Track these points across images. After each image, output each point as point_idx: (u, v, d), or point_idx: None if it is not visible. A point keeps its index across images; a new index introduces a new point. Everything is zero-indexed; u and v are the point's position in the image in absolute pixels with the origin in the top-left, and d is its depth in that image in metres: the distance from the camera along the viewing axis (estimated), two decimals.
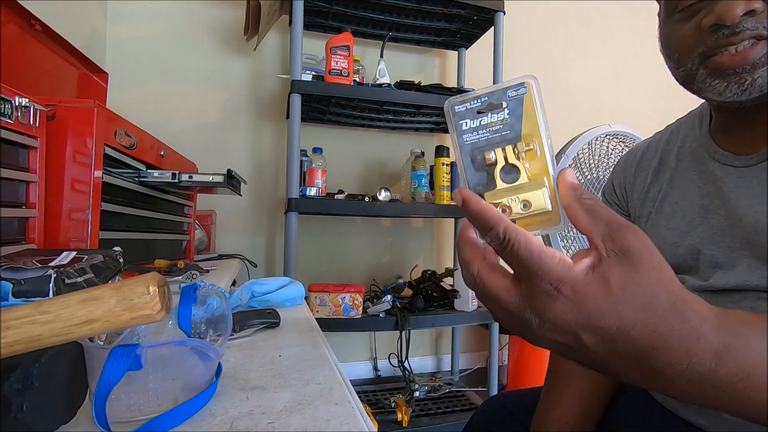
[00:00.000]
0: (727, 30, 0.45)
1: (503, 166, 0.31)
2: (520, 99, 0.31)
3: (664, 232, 0.59)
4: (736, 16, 0.44)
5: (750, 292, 0.49)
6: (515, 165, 0.31)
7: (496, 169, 0.31)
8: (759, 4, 0.44)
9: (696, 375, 0.26)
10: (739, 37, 0.45)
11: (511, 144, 0.31)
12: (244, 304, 0.74)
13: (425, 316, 1.60)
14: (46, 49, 1.03)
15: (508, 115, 0.31)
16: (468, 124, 0.32)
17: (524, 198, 0.30)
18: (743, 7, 0.44)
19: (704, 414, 0.52)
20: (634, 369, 0.27)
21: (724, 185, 0.53)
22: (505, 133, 0.31)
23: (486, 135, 0.31)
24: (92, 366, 0.34)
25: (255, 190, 1.89)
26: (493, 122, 0.31)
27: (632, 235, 0.27)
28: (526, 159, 0.31)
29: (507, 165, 0.31)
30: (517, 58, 2.20)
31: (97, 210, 0.67)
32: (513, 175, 0.31)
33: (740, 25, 0.44)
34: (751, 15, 0.44)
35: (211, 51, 1.86)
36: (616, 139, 1.65)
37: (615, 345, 0.27)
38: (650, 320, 0.26)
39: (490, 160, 0.31)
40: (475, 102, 0.31)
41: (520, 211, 0.30)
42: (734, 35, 0.45)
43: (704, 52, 0.47)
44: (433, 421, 1.57)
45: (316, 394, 0.39)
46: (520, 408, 0.71)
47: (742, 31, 0.44)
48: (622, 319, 0.26)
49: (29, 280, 0.40)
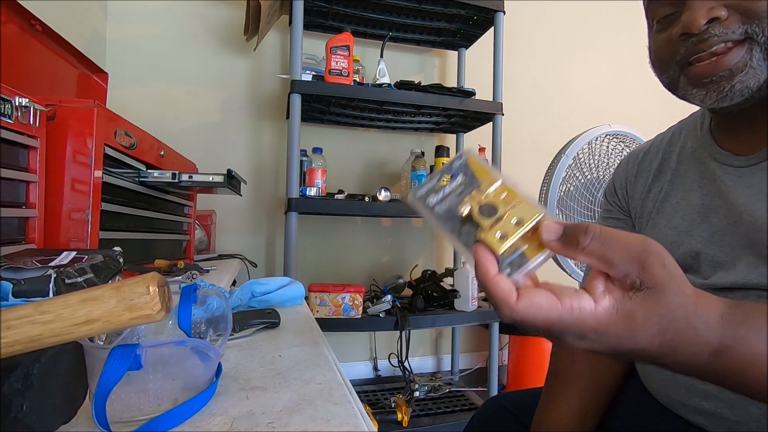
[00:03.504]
0: (695, 38, 0.47)
1: (479, 209, 0.33)
2: (465, 163, 0.36)
3: (665, 231, 0.59)
4: (700, 24, 0.46)
5: (750, 291, 0.49)
6: (488, 203, 0.33)
7: (474, 213, 0.33)
8: (723, 11, 0.45)
9: (695, 367, 0.32)
10: (707, 44, 0.46)
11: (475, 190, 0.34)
12: (244, 304, 0.74)
13: (425, 316, 1.60)
14: (46, 49, 1.03)
15: (463, 178, 0.35)
16: (434, 199, 0.36)
17: (514, 217, 0.32)
18: (705, 16, 0.45)
19: (704, 414, 0.52)
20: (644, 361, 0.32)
21: (724, 185, 0.53)
22: (468, 189, 0.35)
23: (454, 200, 0.35)
24: (92, 366, 0.34)
25: (255, 190, 1.89)
26: (454, 189, 0.35)
27: (658, 266, 0.29)
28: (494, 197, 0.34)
29: (481, 206, 0.33)
30: (517, 58, 2.21)
31: (97, 210, 0.67)
32: (490, 210, 0.33)
33: (707, 32, 0.46)
34: (717, 22, 0.45)
35: (211, 51, 1.86)
36: (616, 139, 1.64)
37: (630, 356, 0.32)
38: (666, 337, 0.30)
39: (465, 211, 0.34)
40: (432, 181, 0.36)
41: (517, 230, 0.32)
42: (702, 42, 0.46)
43: (680, 60, 0.50)
44: (433, 421, 1.57)
45: (316, 394, 0.39)
46: (520, 408, 0.71)
47: (710, 38, 0.46)
48: (639, 343, 0.30)
49: (29, 280, 0.40)
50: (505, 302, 0.30)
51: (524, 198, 0.33)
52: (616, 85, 2.44)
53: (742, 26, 0.45)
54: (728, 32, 0.45)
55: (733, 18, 0.45)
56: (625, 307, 0.30)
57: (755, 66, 0.45)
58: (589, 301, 0.30)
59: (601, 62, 2.43)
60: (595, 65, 2.42)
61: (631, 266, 0.29)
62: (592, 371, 0.65)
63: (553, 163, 1.64)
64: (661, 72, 0.54)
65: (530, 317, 0.30)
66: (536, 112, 2.27)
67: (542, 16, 2.31)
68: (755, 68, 0.45)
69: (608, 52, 2.44)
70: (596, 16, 2.42)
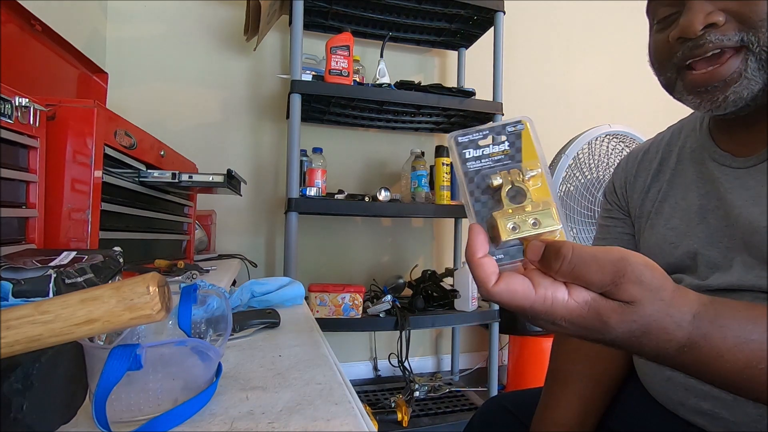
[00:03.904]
0: (692, 42, 0.47)
1: (509, 189, 0.33)
2: (518, 133, 0.34)
3: (663, 231, 0.59)
4: (697, 30, 0.46)
5: (746, 292, 0.49)
6: (521, 188, 0.33)
7: (503, 192, 0.33)
8: (720, 17, 0.45)
9: (661, 358, 0.34)
10: (703, 50, 0.46)
11: (516, 168, 0.33)
12: (244, 304, 0.74)
13: (425, 316, 1.60)
14: (46, 49, 1.03)
15: (509, 147, 0.34)
16: (471, 153, 0.34)
17: (535, 216, 0.32)
18: (702, 21, 0.45)
19: (703, 414, 0.52)
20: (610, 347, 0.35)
21: (722, 186, 0.53)
22: (507, 162, 0.34)
23: (488, 163, 0.34)
24: (92, 366, 0.34)
25: (255, 190, 1.89)
26: (494, 152, 0.34)
27: (633, 285, 0.31)
28: (528, 183, 0.33)
29: (513, 187, 0.33)
30: (517, 58, 2.21)
31: (97, 210, 0.67)
32: (519, 197, 0.33)
33: (703, 37, 0.46)
34: (714, 27, 0.45)
35: (211, 51, 1.86)
36: (616, 139, 1.65)
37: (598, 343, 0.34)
38: (635, 335, 0.32)
39: (497, 184, 0.33)
40: (477, 134, 0.34)
41: (530, 229, 0.32)
42: (698, 47, 0.46)
43: (677, 62, 0.50)
44: (433, 421, 1.57)
45: (316, 394, 0.39)
46: (520, 408, 0.71)
47: (706, 43, 0.46)
48: (607, 336, 0.33)
49: (29, 280, 0.40)
50: (483, 283, 0.32)
51: (551, 200, 0.33)
52: (616, 85, 2.44)
53: (739, 34, 0.45)
54: (724, 39, 0.45)
55: (730, 24, 0.45)
56: (598, 305, 0.31)
57: (750, 76, 0.45)
58: (563, 291, 0.32)
59: (601, 62, 2.43)
60: (595, 65, 2.42)
61: (605, 287, 0.31)
62: (592, 371, 0.65)
63: (552, 163, 1.64)
64: (659, 72, 0.54)
65: (505, 300, 0.32)
66: (536, 112, 2.26)
67: (542, 16, 2.31)
68: (749, 78, 0.45)
69: (608, 52, 2.44)
70: (596, 16, 2.42)
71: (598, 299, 0.31)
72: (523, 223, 0.32)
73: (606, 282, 0.31)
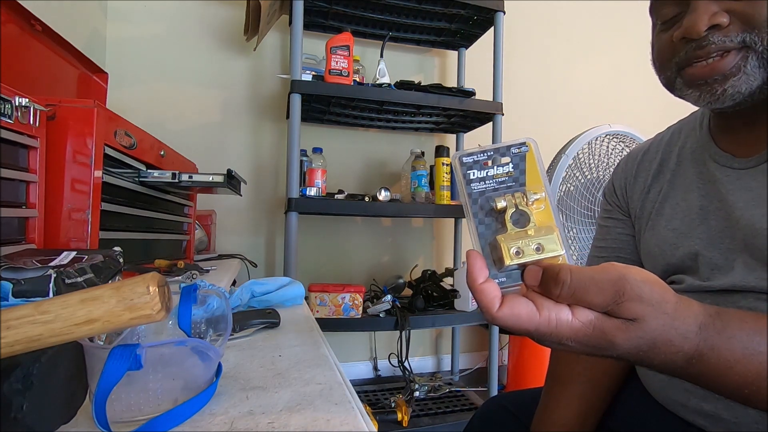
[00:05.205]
0: (695, 43, 0.47)
1: (513, 212, 0.33)
2: (523, 156, 0.34)
3: (663, 233, 0.59)
4: (701, 31, 0.46)
5: (749, 293, 0.49)
6: (525, 211, 0.33)
7: (507, 215, 0.33)
8: (724, 18, 0.45)
9: (669, 370, 0.34)
10: (706, 51, 0.46)
11: (520, 192, 0.33)
12: (244, 304, 0.74)
13: (425, 316, 1.60)
14: (46, 49, 1.03)
15: (513, 169, 0.34)
16: (475, 174, 0.34)
17: (538, 242, 0.32)
18: (707, 22, 0.45)
19: (703, 415, 0.52)
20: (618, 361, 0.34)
21: (723, 187, 0.53)
22: (511, 184, 0.34)
23: (492, 185, 0.34)
24: (92, 366, 0.34)
25: (255, 190, 1.89)
26: (499, 174, 0.34)
27: (635, 303, 0.31)
28: (531, 207, 0.33)
29: (517, 211, 0.33)
30: (517, 58, 2.21)
31: (97, 210, 0.67)
32: (522, 221, 0.33)
33: (707, 38, 0.46)
34: (717, 29, 0.46)
35: (211, 51, 1.86)
36: (616, 139, 1.65)
37: (606, 357, 0.34)
38: (642, 349, 0.32)
39: (501, 207, 0.33)
40: (481, 155, 0.34)
41: (533, 254, 0.32)
42: (701, 48, 0.47)
43: (678, 62, 0.50)
44: (433, 421, 1.57)
45: (316, 394, 0.39)
46: (520, 408, 0.71)
47: (709, 44, 0.46)
48: (614, 353, 0.32)
49: (29, 280, 0.40)
50: (487, 309, 0.32)
51: (554, 224, 0.33)
52: (616, 85, 2.44)
53: (741, 35, 0.45)
54: (726, 40, 0.45)
55: (734, 25, 0.45)
56: (603, 325, 0.32)
57: (749, 72, 0.45)
58: (567, 313, 0.32)
59: (601, 62, 2.43)
60: (595, 65, 2.42)
61: (607, 307, 0.31)
62: (592, 372, 0.65)
63: (552, 163, 1.64)
64: (660, 71, 0.54)
65: (509, 325, 0.32)
66: (536, 112, 2.26)
67: (542, 16, 2.30)
68: (748, 74, 0.45)
69: (608, 52, 2.44)
70: (596, 16, 2.42)
71: (602, 318, 0.32)
72: (526, 247, 0.32)
73: (607, 302, 0.31)
